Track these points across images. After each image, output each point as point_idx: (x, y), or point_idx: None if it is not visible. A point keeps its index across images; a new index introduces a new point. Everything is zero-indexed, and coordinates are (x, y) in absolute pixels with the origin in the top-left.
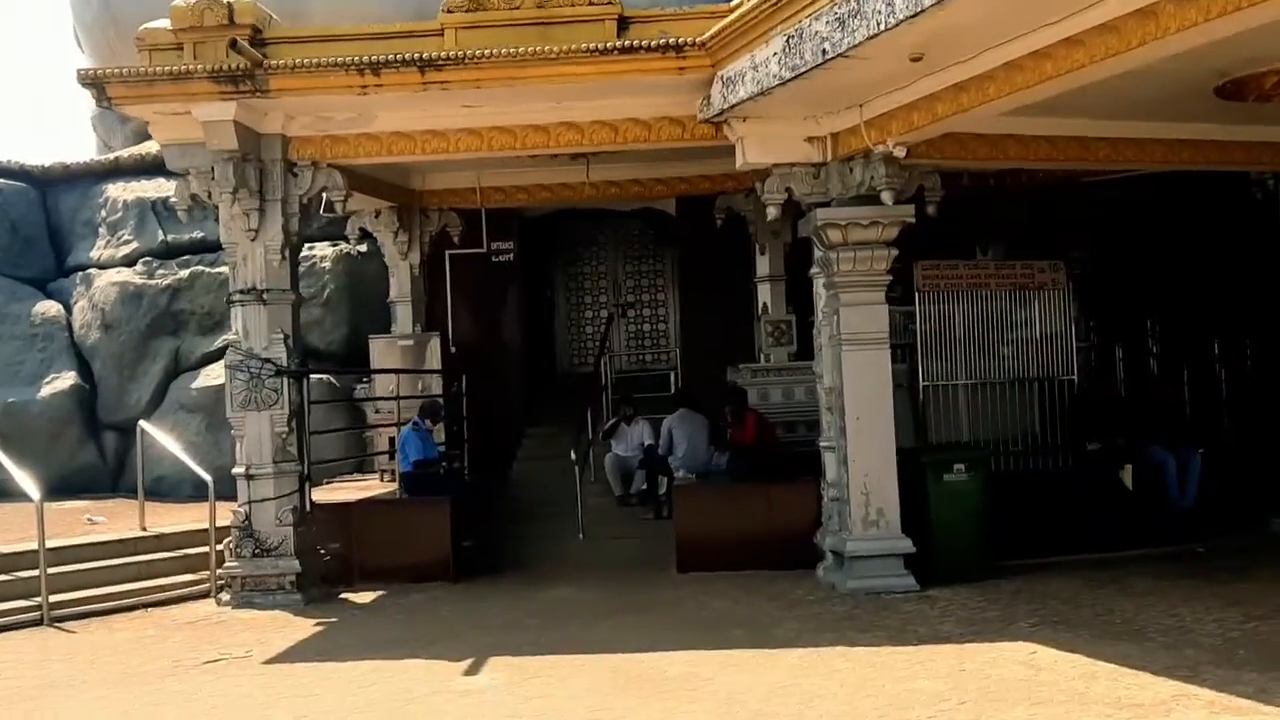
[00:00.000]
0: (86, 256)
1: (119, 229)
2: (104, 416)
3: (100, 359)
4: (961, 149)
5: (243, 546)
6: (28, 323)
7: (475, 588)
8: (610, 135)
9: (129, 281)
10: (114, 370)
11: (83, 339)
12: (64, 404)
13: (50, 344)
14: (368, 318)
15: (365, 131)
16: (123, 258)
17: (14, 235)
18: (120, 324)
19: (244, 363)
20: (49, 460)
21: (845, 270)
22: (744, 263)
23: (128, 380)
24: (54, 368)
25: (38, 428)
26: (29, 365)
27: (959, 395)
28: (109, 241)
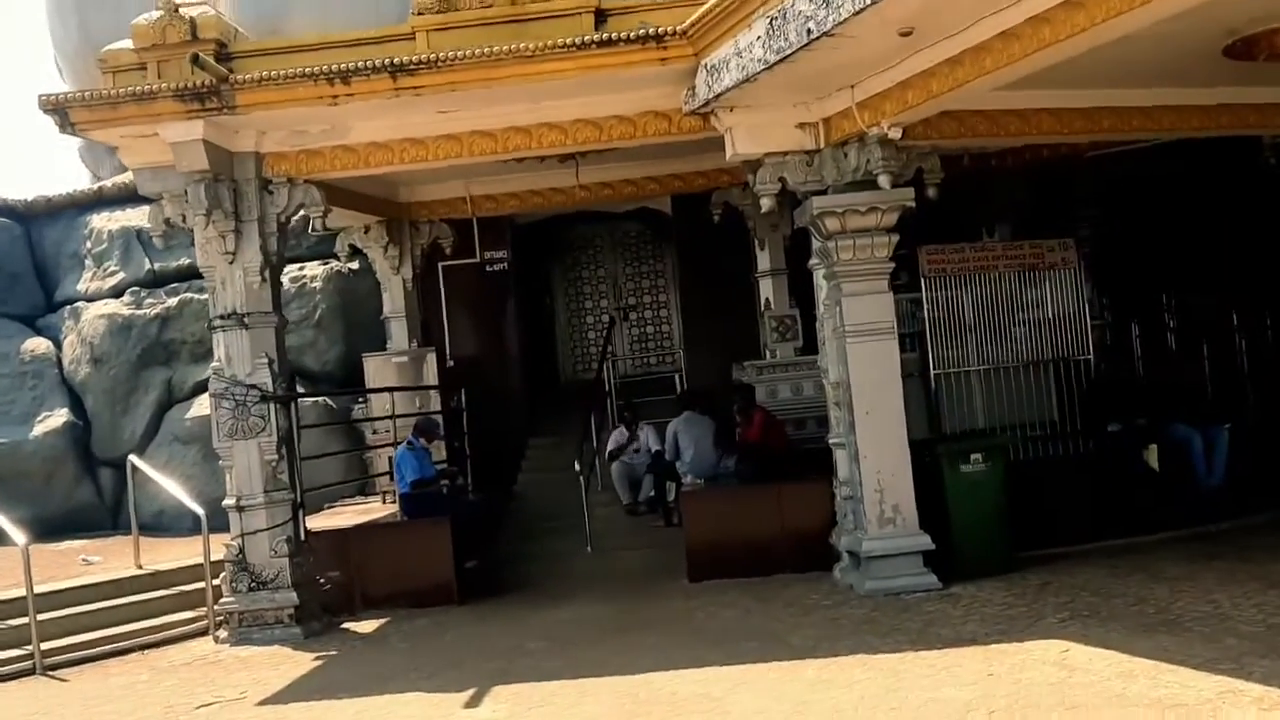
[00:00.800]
0: (74, 290)
1: (104, 260)
2: (99, 452)
3: (92, 394)
4: (960, 127)
5: (238, 581)
6: (17, 361)
7: (480, 610)
8: (595, 133)
9: (117, 313)
10: (106, 405)
11: (73, 374)
12: (57, 442)
13: (41, 381)
14: (362, 336)
15: (341, 144)
16: (110, 289)
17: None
18: (110, 357)
19: (228, 390)
20: (45, 500)
21: (845, 260)
22: (744, 258)
23: (121, 414)
24: (45, 405)
25: (31, 468)
26: (20, 404)
27: (972, 382)
28: (95, 273)
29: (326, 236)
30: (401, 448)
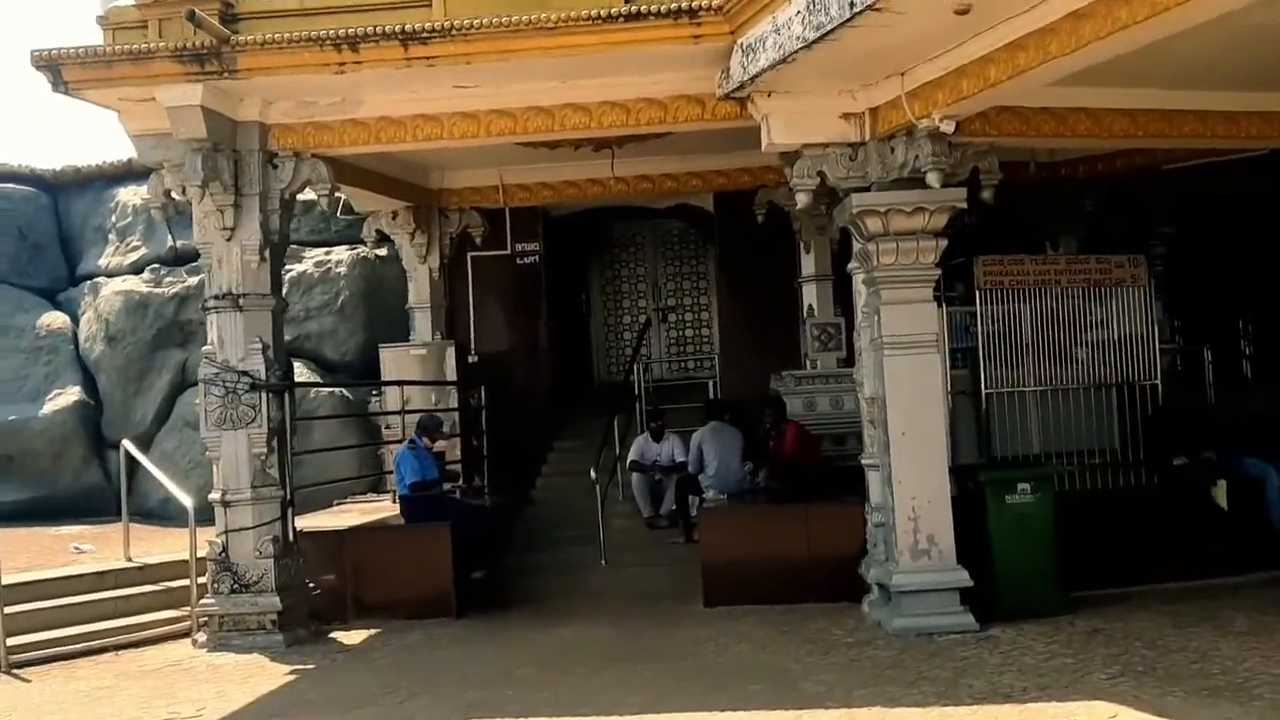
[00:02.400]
0: (96, 264)
1: (128, 234)
2: (109, 434)
3: (105, 373)
4: (1022, 124)
5: (219, 581)
6: (32, 335)
7: (479, 626)
8: (622, 117)
9: (134, 290)
10: (119, 385)
11: (88, 352)
12: (67, 421)
13: (55, 357)
14: (386, 326)
15: (351, 117)
16: (130, 265)
17: (22, 243)
18: (125, 335)
19: (218, 376)
20: (53, 482)
21: (886, 264)
22: (788, 261)
23: (133, 395)
24: (58, 383)
25: (39, 447)
26: (33, 380)
27: (1028, 403)
28: (118, 248)
29: (356, 221)
30: (402, 447)
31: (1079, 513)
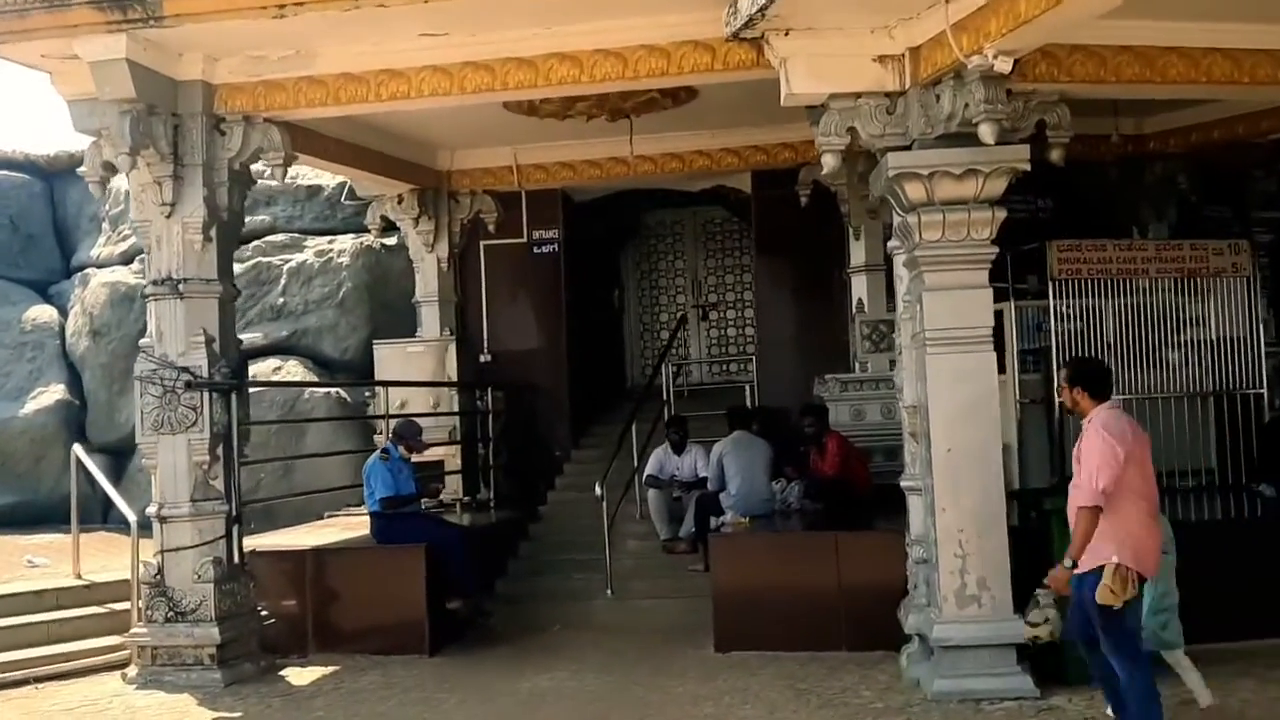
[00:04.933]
0: (88, 255)
1: (120, 223)
2: (93, 436)
3: (89, 370)
4: (1099, 67)
5: (153, 608)
6: (18, 329)
7: (450, 666)
8: (617, 68)
9: (120, 282)
10: (103, 382)
11: (73, 348)
12: (49, 421)
13: (40, 354)
14: (391, 320)
15: (307, 74)
16: (120, 255)
17: (14, 233)
18: (110, 329)
19: (156, 373)
20: (34, 486)
21: (931, 240)
22: (835, 249)
23: (118, 394)
24: (41, 380)
25: (18, 448)
26: (15, 377)
27: None
28: (110, 237)
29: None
30: (373, 457)
31: None
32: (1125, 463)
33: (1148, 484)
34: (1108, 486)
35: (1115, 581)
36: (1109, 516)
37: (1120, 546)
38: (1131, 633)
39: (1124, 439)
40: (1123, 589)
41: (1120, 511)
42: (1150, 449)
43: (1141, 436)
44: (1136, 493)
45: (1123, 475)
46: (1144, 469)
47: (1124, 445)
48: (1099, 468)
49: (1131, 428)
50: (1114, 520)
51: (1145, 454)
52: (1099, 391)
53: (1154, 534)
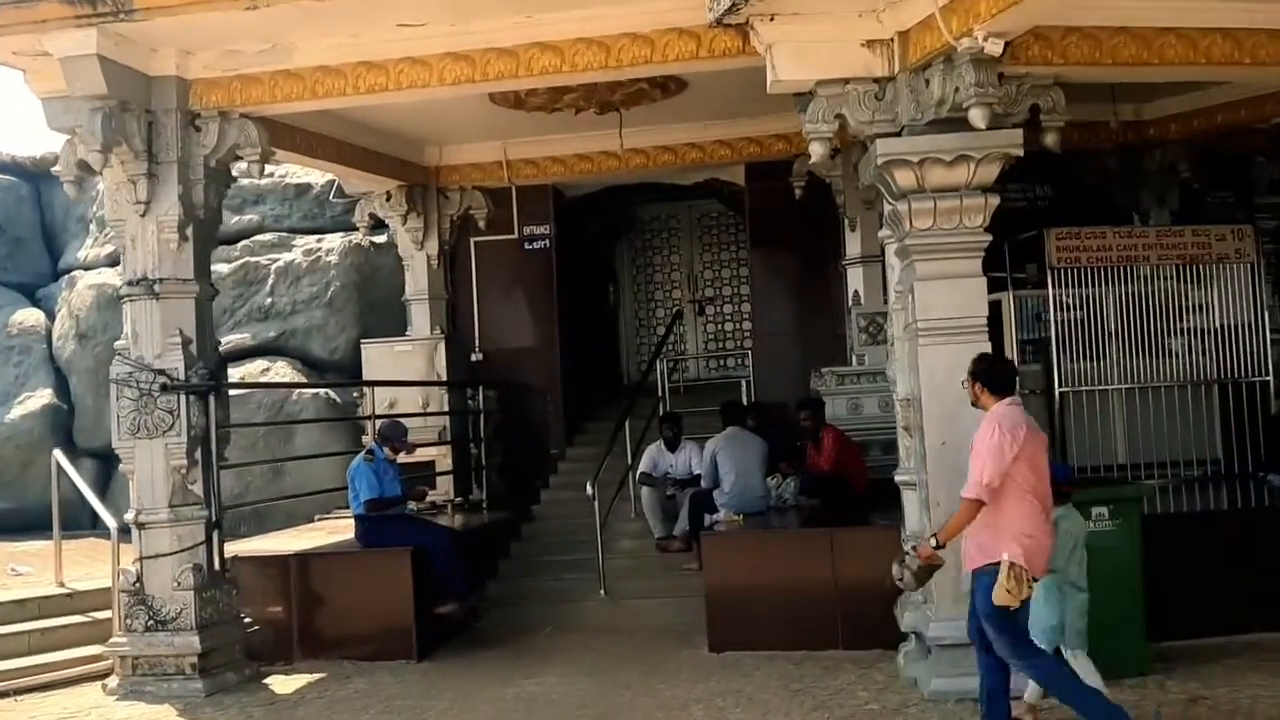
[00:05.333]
0: (76, 257)
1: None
2: (81, 441)
3: (76, 374)
4: (1093, 48)
5: (133, 617)
6: (5, 333)
7: (438, 672)
8: (600, 57)
9: (107, 284)
10: (90, 387)
11: (59, 351)
12: (35, 427)
13: (26, 358)
14: (381, 320)
15: (283, 68)
16: (107, 257)
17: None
18: (96, 333)
19: (132, 376)
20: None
21: (921, 228)
22: (831, 241)
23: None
24: (28, 385)
25: (5, 455)
26: (1, 382)
27: (1109, 405)
28: (97, 239)
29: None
30: (357, 459)
31: (1172, 540)
32: (1017, 459)
33: (1041, 482)
34: (992, 480)
35: (1010, 581)
36: (1000, 514)
37: (1013, 545)
38: (1024, 630)
39: (1016, 435)
40: (1018, 588)
41: (1011, 509)
42: (1047, 449)
43: (1038, 436)
44: (1029, 490)
45: (1013, 472)
46: (1037, 467)
47: (1015, 441)
48: (985, 461)
49: (1028, 425)
50: (1005, 518)
51: (1040, 452)
52: (999, 387)
53: (1046, 533)
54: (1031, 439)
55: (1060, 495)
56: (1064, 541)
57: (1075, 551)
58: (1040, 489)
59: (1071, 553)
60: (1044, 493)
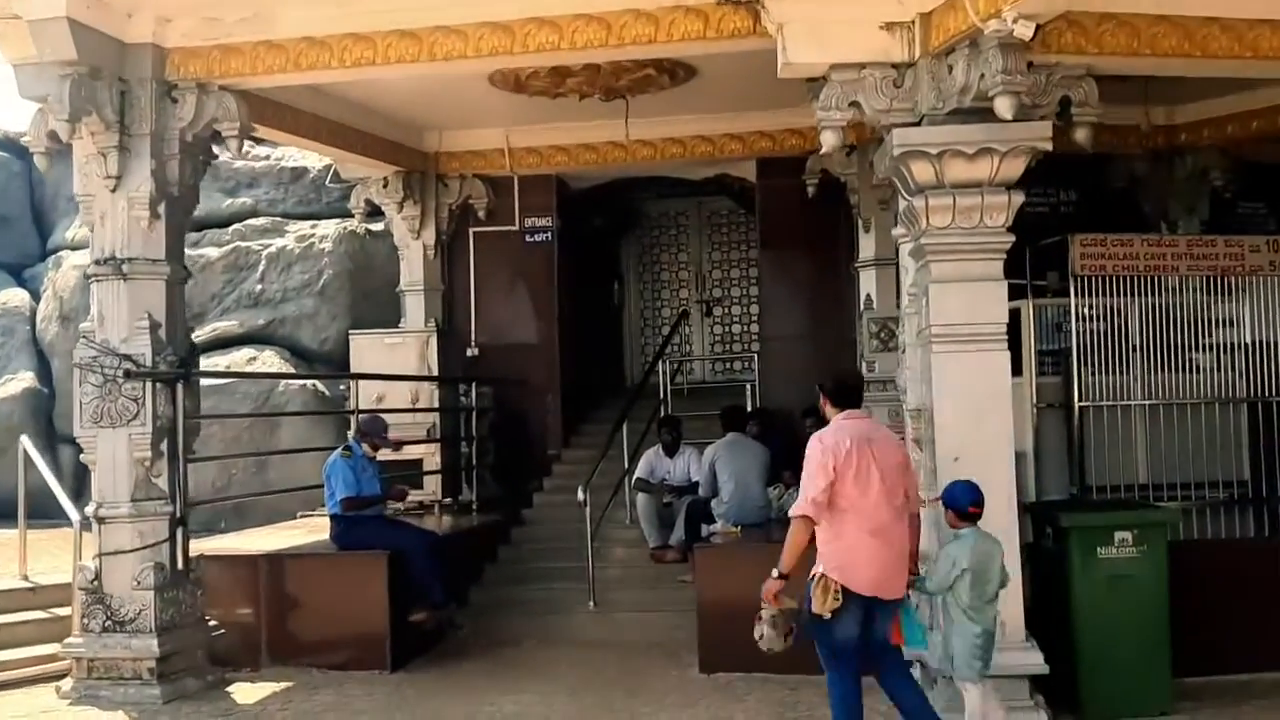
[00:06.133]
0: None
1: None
2: (61, 426)
3: (59, 356)
4: (1130, 38)
5: (90, 617)
6: None
7: (410, 685)
8: (600, 34)
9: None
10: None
11: (43, 333)
12: (14, 410)
13: (9, 340)
14: (374, 310)
15: (265, 38)
16: None
17: None
18: (79, 314)
19: (96, 360)
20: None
21: (939, 226)
22: (844, 242)
23: None
24: (9, 368)
25: None
26: None
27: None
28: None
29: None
30: (334, 455)
31: (1195, 569)
32: (843, 475)
33: (865, 498)
34: (817, 497)
35: (817, 591)
36: (828, 529)
37: (828, 558)
38: (838, 646)
39: (837, 452)
40: (823, 598)
41: (835, 524)
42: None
43: (868, 451)
44: (850, 506)
45: (839, 487)
46: (864, 483)
47: (836, 457)
48: (809, 477)
49: (857, 439)
50: (830, 533)
51: (868, 467)
52: (839, 401)
53: (866, 548)
54: (859, 453)
55: (966, 516)
56: (943, 564)
57: (964, 576)
58: (864, 505)
59: (960, 578)
60: (868, 508)
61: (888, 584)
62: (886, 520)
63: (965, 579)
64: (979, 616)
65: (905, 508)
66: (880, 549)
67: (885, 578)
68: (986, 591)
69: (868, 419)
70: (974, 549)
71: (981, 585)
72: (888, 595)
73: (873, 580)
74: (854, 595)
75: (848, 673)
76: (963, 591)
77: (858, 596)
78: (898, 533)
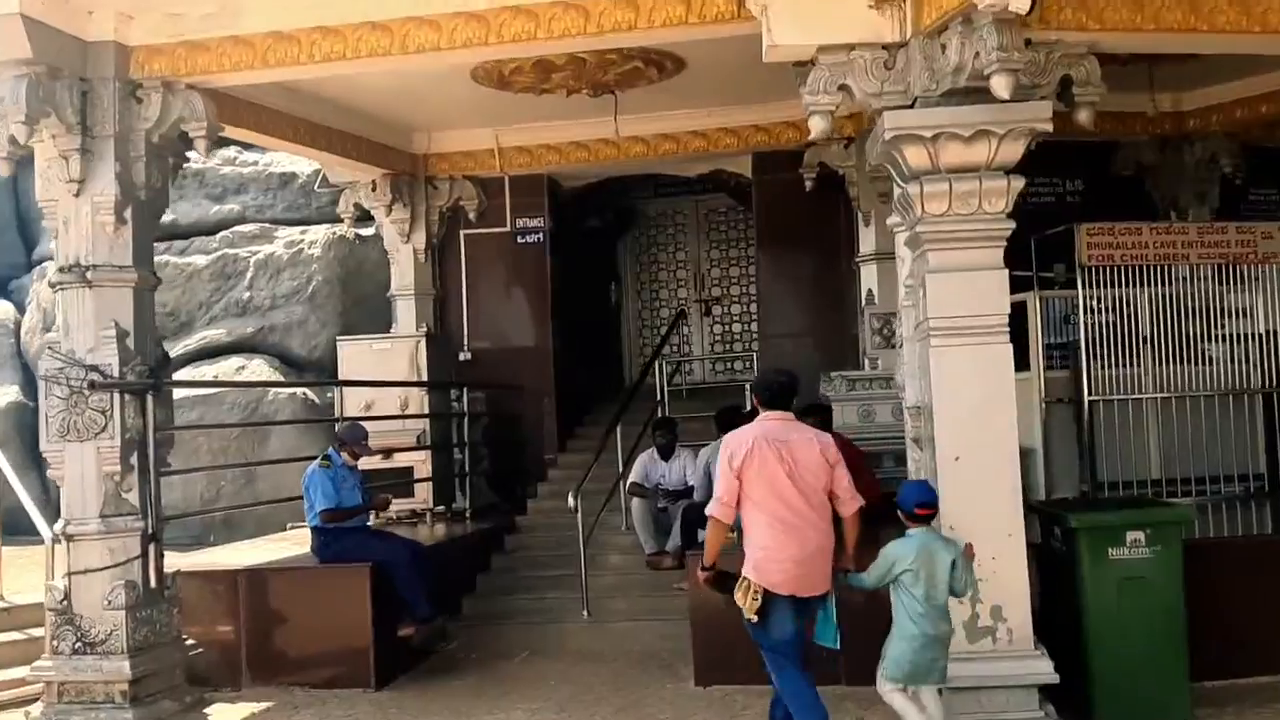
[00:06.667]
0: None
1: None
2: None
3: None
4: (1134, 12)
5: (60, 638)
6: None
7: (396, 702)
8: (579, 22)
9: None
10: None
11: (27, 346)
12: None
13: None
14: (365, 316)
15: (232, 34)
16: None
17: None
18: None
19: (62, 372)
20: None
21: (935, 213)
22: (843, 236)
23: None
24: None
25: None
26: None
27: (1143, 415)
28: None
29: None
30: (313, 465)
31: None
32: (744, 474)
33: (774, 497)
34: (722, 495)
35: (739, 593)
36: (747, 529)
37: (747, 559)
38: (778, 645)
39: (738, 452)
40: (744, 599)
41: (750, 525)
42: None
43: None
44: (759, 506)
45: (746, 488)
46: (771, 482)
47: (736, 456)
48: (718, 478)
49: (760, 440)
50: (749, 534)
51: (775, 468)
52: (766, 399)
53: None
54: (760, 452)
55: (914, 517)
56: (880, 561)
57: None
58: (772, 504)
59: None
60: (775, 508)
61: (804, 581)
62: (799, 519)
63: (905, 579)
64: (921, 621)
65: (826, 507)
66: (791, 547)
67: (801, 575)
68: (933, 595)
69: (786, 419)
70: (919, 549)
71: (927, 587)
72: (806, 593)
73: (786, 579)
74: (775, 595)
75: (792, 668)
76: (904, 592)
77: (779, 595)
78: (815, 531)
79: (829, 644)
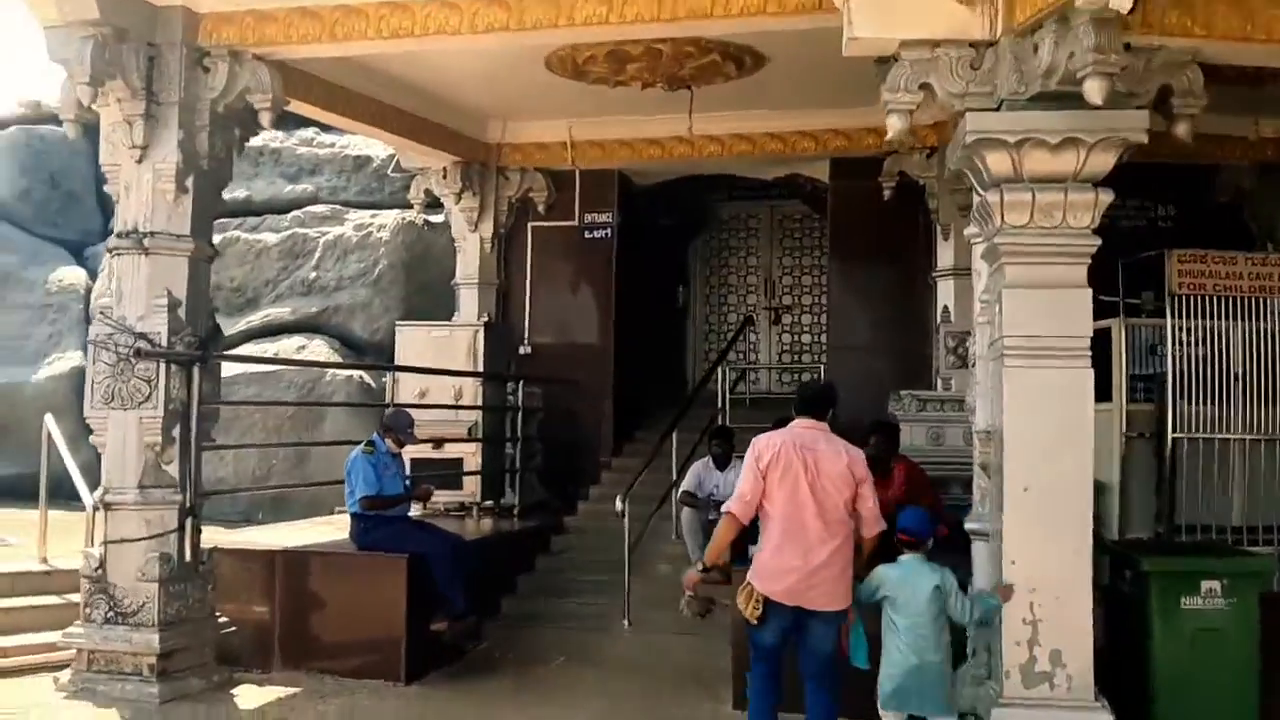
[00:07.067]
0: None
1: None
2: None
3: None
4: (1244, 20)
5: (92, 606)
6: (43, 291)
7: (424, 699)
8: (652, 8)
9: None
10: None
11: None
12: (60, 389)
13: (62, 317)
14: (429, 302)
15: (300, 5)
16: None
17: (53, 189)
18: None
19: (111, 338)
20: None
21: (1015, 224)
22: (921, 250)
23: None
24: (60, 346)
25: (27, 416)
26: (34, 341)
27: (1231, 457)
28: None
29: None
30: (356, 451)
31: None
32: (769, 475)
33: (790, 503)
34: (745, 493)
35: (739, 596)
36: (762, 534)
37: (754, 564)
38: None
39: (763, 455)
40: (745, 603)
41: (764, 530)
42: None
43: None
44: (775, 510)
45: (768, 491)
46: (791, 489)
47: (765, 458)
48: (742, 476)
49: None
50: (762, 539)
51: (798, 475)
52: (800, 407)
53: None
54: (786, 455)
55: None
56: (868, 581)
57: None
58: (784, 511)
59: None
60: (791, 513)
61: (809, 595)
62: (812, 530)
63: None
64: (904, 647)
65: (844, 522)
66: (798, 558)
67: (806, 588)
68: (916, 622)
69: (818, 428)
70: (901, 575)
71: (906, 613)
72: (810, 606)
73: (788, 589)
74: (775, 603)
75: (762, 672)
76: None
77: (780, 605)
78: (826, 545)
79: (862, 664)
